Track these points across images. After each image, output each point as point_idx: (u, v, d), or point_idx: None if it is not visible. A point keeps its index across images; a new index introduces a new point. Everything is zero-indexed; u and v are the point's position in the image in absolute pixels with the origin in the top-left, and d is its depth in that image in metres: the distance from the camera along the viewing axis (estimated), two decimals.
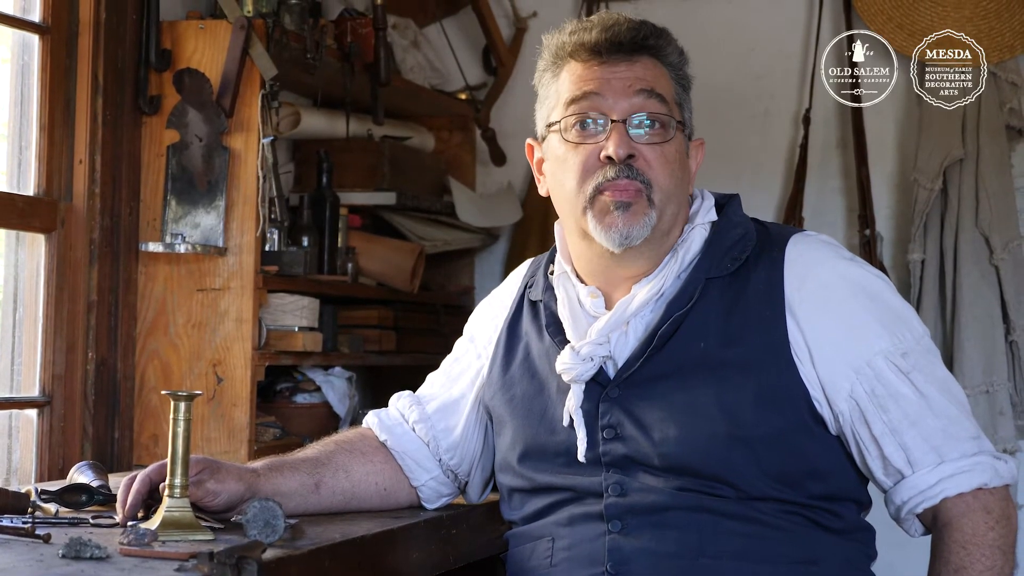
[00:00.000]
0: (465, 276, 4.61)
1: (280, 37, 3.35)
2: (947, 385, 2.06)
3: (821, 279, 2.05)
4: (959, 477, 1.99)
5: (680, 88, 2.13)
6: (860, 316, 2.03)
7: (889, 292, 2.09)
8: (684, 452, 2.00)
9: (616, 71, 2.08)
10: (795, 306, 2.03)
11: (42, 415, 3.07)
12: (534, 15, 4.60)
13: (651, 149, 2.07)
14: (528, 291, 2.28)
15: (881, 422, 2.00)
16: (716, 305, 2.05)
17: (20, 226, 3.04)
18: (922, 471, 2.00)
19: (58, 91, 3.11)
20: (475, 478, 2.34)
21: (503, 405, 2.21)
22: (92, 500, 2.34)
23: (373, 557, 2.21)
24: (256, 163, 3.25)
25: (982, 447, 2.02)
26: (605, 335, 2.08)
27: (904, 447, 2.00)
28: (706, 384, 2.01)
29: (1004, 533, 2.00)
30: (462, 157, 4.57)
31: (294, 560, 1.98)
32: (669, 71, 2.12)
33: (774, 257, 2.07)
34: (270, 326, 3.37)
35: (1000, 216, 4.02)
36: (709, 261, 2.08)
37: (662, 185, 2.06)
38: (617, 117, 2.06)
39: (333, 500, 2.27)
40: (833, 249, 2.11)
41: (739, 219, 2.14)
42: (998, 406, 3.98)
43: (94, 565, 1.83)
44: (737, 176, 4.23)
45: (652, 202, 2.05)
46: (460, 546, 2.46)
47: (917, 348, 2.05)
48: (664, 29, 2.14)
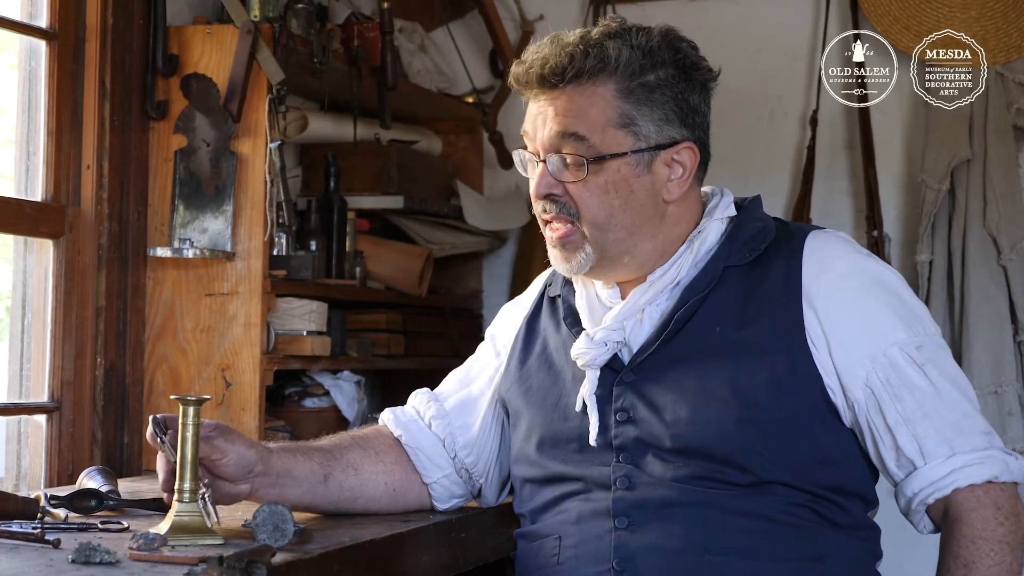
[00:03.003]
0: (473, 279, 4.61)
1: (287, 41, 3.35)
2: (959, 380, 2.08)
3: (839, 270, 2.08)
4: (970, 469, 2.01)
5: (628, 101, 2.09)
6: (877, 307, 2.06)
7: (904, 288, 2.12)
8: (695, 433, 2.03)
9: (542, 106, 2.14)
10: (813, 295, 2.06)
11: (51, 420, 3.08)
12: (541, 18, 4.60)
13: (574, 186, 2.11)
14: (548, 289, 2.33)
15: (895, 411, 2.02)
16: (734, 292, 2.09)
17: (28, 232, 3.04)
18: (934, 462, 2.01)
19: (65, 97, 3.11)
20: (492, 477, 2.35)
21: (519, 397, 2.24)
22: (102, 505, 2.34)
23: (382, 560, 2.21)
24: (264, 167, 3.25)
25: (993, 442, 2.04)
26: (620, 322, 2.12)
27: (917, 437, 2.02)
28: (720, 367, 2.05)
29: (1013, 529, 2.00)
30: (469, 160, 4.57)
31: (303, 564, 1.98)
32: (611, 86, 2.09)
33: (793, 248, 2.11)
34: (278, 330, 3.37)
35: (1008, 216, 4.01)
36: (728, 250, 2.13)
37: (592, 217, 2.10)
38: (541, 155, 2.13)
39: (340, 495, 2.25)
40: (851, 244, 2.15)
41: (759, 215, 2.18)
42: (1007, 406, 3.97)
43: (104, 570, 1.83)
44: (744, 178, 4.22)
45: (585, 235, 2.11)
46: (470, 549, 2.46)
47: (930, 343, 2.07)
48: (609, 43, 2.10)
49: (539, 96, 2.13)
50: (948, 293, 4.08)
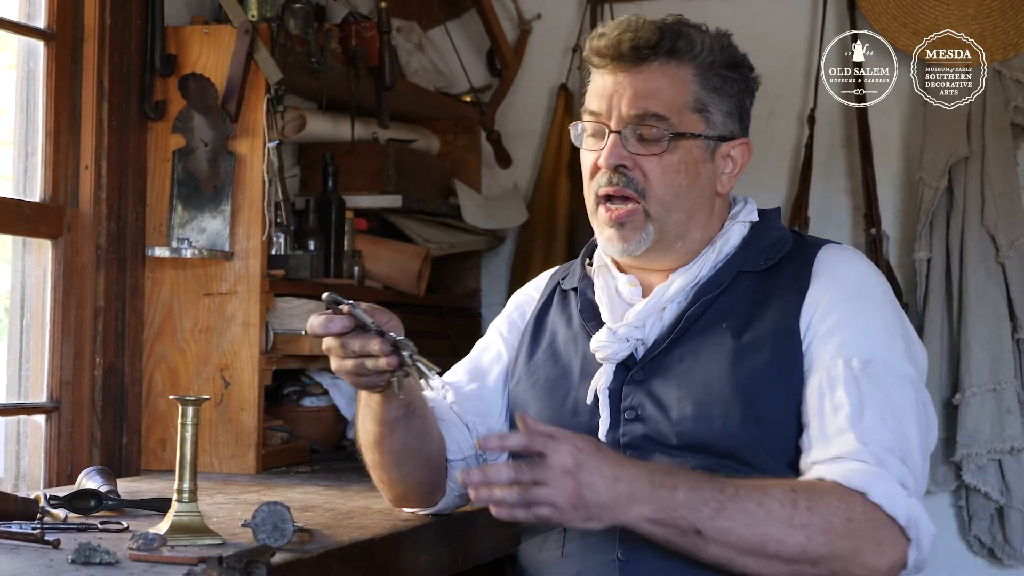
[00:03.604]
0: (471, 278, 4.61)
1: (284, 41, 3.35)
2: (896, 412, 2.01)
3: (839, 275, 2.12)
4: (850, 468, 1.95)
5: (704, 88, 2.17)
6: (856, 318, 2.07)
7: (895, 311, 2.13)
8: (700, 430, 2.06)
9: (620, 79, 2.15)
10: (812, 296, 2.09)
11: (50, 421, 3.08)
12: (538, 17, 4.61)
13: (648, 160, 2.13)
14: (562, 282, 2.35)
15: (819, 412, 2.01)
16: (744, 295, 2.13)
17: (27, 232, 3.04)
18: (825, 449, 1.99)
19: (64, 97, 3.11)
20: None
21: (527, 390, 2.25)
22: (101, 505, 2.35)
23: (382, 560, 2.21)
24: (262, 167, 3.25)
25: (889, 466, 1.95)
26: (642, 319, 2.15)
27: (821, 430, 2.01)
28: (723, 364, 2.07)
29: (836, 524, 1.90)
30: (467, 159, 4.57)
31: (303, 564, 1.99)
32: (691, 70, 2.16)
33: (806, 258, 2.15)
34: (277, 330, 3.37)
35: (1006, 214, 4.01)
36: (743, 256, 2.17)
37: (658, 195, 2.14)
38: (615, 127, 2.14)
39: (420, 442, 2.21)
40: (862, 258, 2.20)
41: (778, 225, 2.24)
42: (1005, 404, 3.98)
43: (104, 570, 1.83)
44: (743, 176, 4.21)
45: (648, 214, 2.13)
46: (469, 548, 2.46)
47: (885, 364, 2.04)
48: (687, 31, 2.18)
49: (617, 71, 2.15)
50: (946, 291, 4.08)
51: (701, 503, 1.89)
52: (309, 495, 2.81)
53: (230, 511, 2.48)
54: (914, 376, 2.07)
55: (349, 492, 2.85)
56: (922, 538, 1.94)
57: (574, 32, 4.55)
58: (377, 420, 2.16)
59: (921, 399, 2.05)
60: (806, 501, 1.91)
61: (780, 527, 1.89)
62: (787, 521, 1.89)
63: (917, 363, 2.10)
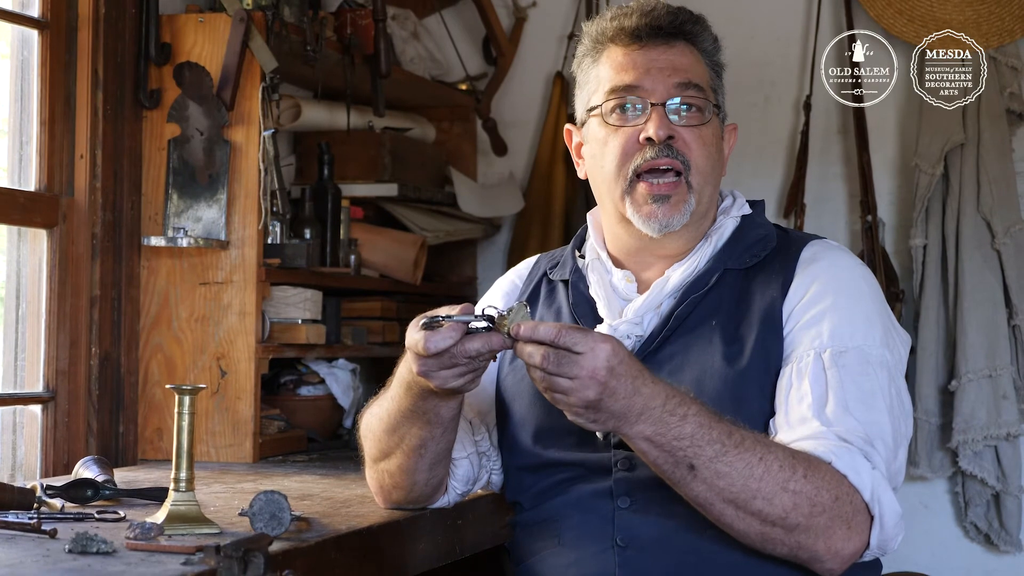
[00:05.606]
0: (468, 266, 4.61)
1: (280, 30, 3.35)
2: (867, 400, 2.01)
3: (819, 267, 2.13)
4: (819, 444, 1.96)
5: (713, 74, 2.22)
6: (837, 310, 2.07)
7: (878, 302, 2.13)
8: None
9: (654, 56, 2.17)
10: (796, 288, 2.11)
11: (46, 410, 3.08)
12: (534, 5, 4.60)
13: (689, 131, 2.16)
14: (549, 272, 2.34)
15: (783, 401, 2.03)
16: (730, 291, 2.14)
17: (22, 222, 3.04)
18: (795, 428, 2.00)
19: (58, 86, 3.11)
20: (498, 466, 2.34)
21: (513, 386, 2.25)
22: (98, 495, 2.35)
23: (379, 548, 2.21)
24: (257, 156, 3.25)
25: (856, 443, 1.96)
26: (640, 315, 2.16)
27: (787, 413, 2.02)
28: (713, 361, 2.08)
29: (806, 487, 1.91)
30: (463, 147, 4.57)
31: (300, 552, 1.99)
32: (704, 57, 2.22)
33: (790, 255, 2.17)
34: (273, 319, 3.37)
35: (1001, 201, 4.02)
36: (729, 253, 2.19)
37: (700, 166, 2.16)
38: (657, 100, 2.15)
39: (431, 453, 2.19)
40: (844, 251, 2.21)
41: (762, 221, 2.25)
42: (1001, 390, 3.98)
43: (101, 559, 1.83)
44: (739, 164, 4.22)
45: (691, 185, 2.15)
46: (466, 536, 2.46)
47: (860, 355, 2.04)
48: (700, 16, 2.24)
49: (647, 48, 2.17)
50: (942, 277, 4.08)
51: (706, 442, 1.89)
52: (306, 484, 2.82)
53: (227, 500, 2.48)
54: (891, 364, 2.07)
55: (346, 480, 2.85)
56: (885, 515, 1.94)
57: (569, 19, 4.54)
58: (433, 422, 2.11)
59: (896, 388, 2.06)
60: (804, 469, 1.91)
61: (773, 487, 1.89)
62: (782, 483, 1.90)
63: (895, 353, 2.10)
